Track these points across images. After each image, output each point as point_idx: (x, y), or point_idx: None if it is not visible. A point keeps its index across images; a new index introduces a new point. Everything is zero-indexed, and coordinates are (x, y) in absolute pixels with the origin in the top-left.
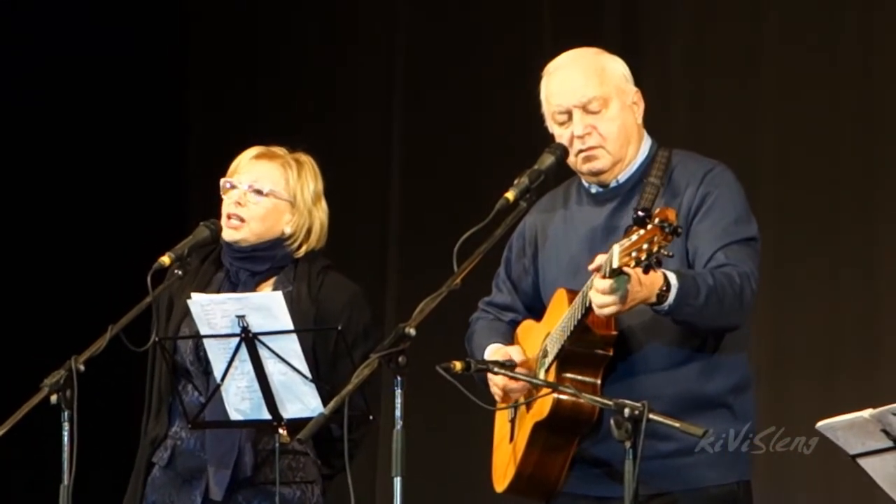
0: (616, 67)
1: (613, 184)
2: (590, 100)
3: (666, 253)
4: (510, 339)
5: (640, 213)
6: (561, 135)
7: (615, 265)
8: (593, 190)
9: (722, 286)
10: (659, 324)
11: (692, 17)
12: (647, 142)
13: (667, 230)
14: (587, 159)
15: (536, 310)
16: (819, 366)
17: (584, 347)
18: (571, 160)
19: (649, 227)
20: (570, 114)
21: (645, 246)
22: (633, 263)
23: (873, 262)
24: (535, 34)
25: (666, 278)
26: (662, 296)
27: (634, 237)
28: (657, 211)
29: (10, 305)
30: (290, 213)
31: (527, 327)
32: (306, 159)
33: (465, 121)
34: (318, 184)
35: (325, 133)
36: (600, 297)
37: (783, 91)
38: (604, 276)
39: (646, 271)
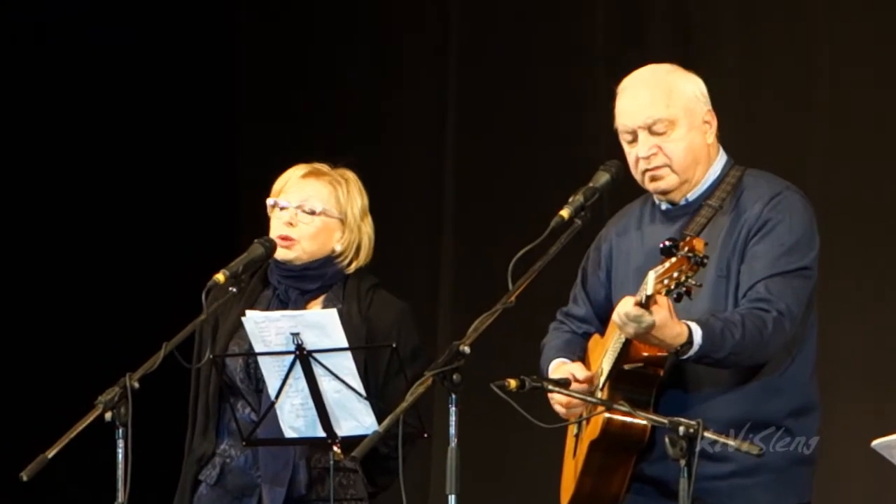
0: (687, 87)
1: (683, 202)
2: (655, 121)
3: (694, 283)
4: (580, 352)
5: (668, 243)
6: (629, 152)
7: (649, 292)
8: (663, 207)
9: (750, 335)
10: None
11: (742, 41)
12: (720, 160)
13: (693, 261)
14: (652, 179)
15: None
16: (867, 384)
17: (634, 367)
18: (638, 178)
19: (678, 256)
20: (635, 134)
21: (675, 275)
22: (664, 291)
23: None
24: (589, 54)
25: (690, 337)
26: (682, 350)
27: (667, 264)
28: (685, 241)
29: (64, 322)
30: (340, 230)
31: (595, 341)
32: (351, 175)
33: (520, 137)
34: (364, 199)
35: (377, 149)
36: (624, 319)
37: (834, 113)
38: (639, 302)
39: (677, 299)
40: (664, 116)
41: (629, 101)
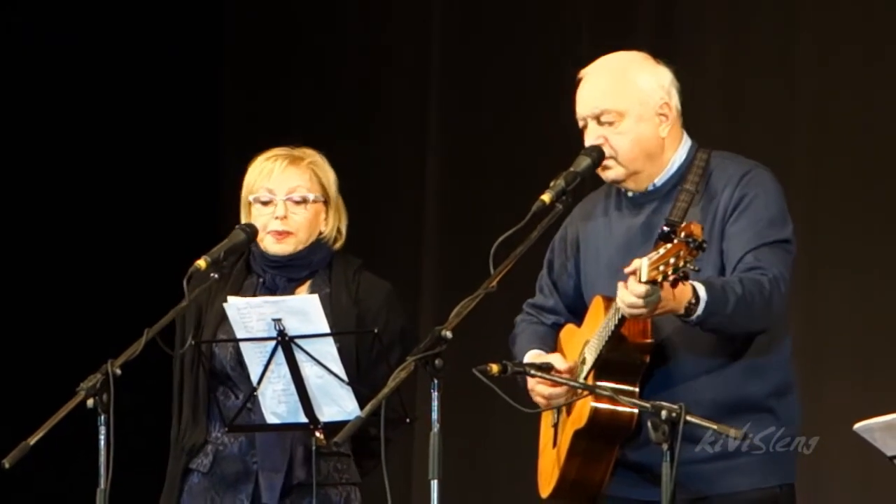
0: (643, 78)
1: (650, 188)
2: (602, 111)
3: (693, 268)
4: (553, 344)
5: (666, 229)
6: (586, 140)
7: (644, 279)
8: (630, 194)
9: (751, 293)
10: (695, 330)
11: (728, 21)
12: (685, 144)
13: (692, 246)
14: (602, 168)
15: (579, 312)
16: (850, 367)
17: (621, 355)
18: None
19: (675, 242)
20: (586, 122)
21: (672, 260)
22: (660, 277)
23: None
24: (573, 36)
25: (695, 291)
26: (691, 308)
27: (662, 251)
28: (682, 226)
29: (46, 309)
30: (324, 212)
31: (569, 332)
32: (319, 154)
33: (503, 122)
34: (335, 174)
35: (362, 133)
36: (631, 299)
37: (819, 94)
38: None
39: (674, 285)
40: (611, 108)
41: (584, 89)
